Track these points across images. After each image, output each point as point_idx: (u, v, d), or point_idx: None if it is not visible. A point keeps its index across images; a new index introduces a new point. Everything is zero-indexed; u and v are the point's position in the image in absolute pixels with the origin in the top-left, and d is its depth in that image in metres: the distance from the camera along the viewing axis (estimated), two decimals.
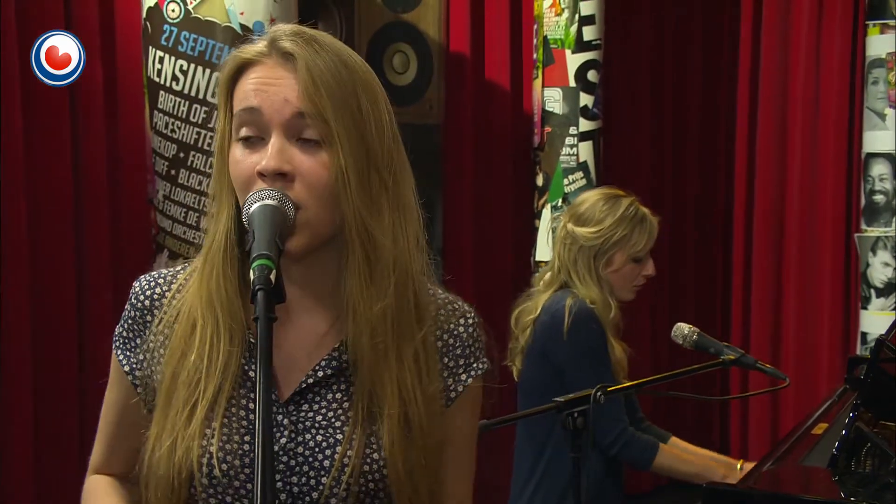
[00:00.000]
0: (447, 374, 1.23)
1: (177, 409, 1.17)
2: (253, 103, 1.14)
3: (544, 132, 4.07)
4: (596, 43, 4.03)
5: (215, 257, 1.19)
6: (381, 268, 1.16)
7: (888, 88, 4.32)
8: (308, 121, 1.13)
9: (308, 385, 1.19)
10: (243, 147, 1.16)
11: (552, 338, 2.48)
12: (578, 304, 2.48)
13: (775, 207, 4.90)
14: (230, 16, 2.97)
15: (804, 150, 4.81)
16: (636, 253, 2.55)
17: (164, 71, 2.99)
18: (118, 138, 3.36)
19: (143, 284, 1.26)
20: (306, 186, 1.13)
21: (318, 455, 1.17)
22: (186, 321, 1.20)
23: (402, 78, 4.09)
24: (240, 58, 1.18)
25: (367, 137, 1.15)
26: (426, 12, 4.12)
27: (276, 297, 1.04)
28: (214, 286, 1.19)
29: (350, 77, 1.16)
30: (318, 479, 1.16)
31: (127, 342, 1.25)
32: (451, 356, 1.23)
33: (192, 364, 1.17)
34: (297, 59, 1.14)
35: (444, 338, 1.24)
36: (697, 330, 2.39)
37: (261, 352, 1.01)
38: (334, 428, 1.18)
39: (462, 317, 1.25)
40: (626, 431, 2.49)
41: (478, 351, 1.25)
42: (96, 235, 3.33)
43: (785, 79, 4.85)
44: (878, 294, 4.39)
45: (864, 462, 2.31)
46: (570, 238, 2.54)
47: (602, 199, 2.58)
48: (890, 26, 4.31)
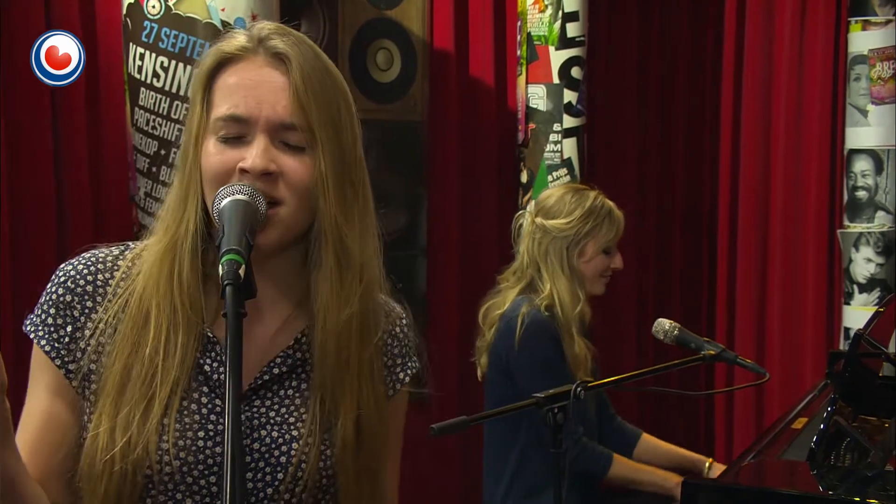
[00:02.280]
0: (386, 373, 1.26)
1: (131, 404, 1.14)
2: (243, 111, 1.13)
3: (528, 129, 4.07)
4: (580, 39, 4.03)
5: (178, 248, 1.17)
6: (350, 274, 1.18)
7: (870, 85, 4.33)
8: (295, 131, 1.14)
9: (263, 381, 1.19)
10: (220, 142, 1.15)
11: (506, 346, 2.51)
12: (531, 314, 2.50)
13: (759, 203, 4.91)
14: (211, 12, 2.96)
15: (788, 147, 4.83)
16: (606, 244, 2.59)
17: (144, 68, 2.97)
18: (99, 135, 3.35)
19: (79, 268, 1.20)
20: (288, 186, 1.14)
21: (273, 451, 1.17)
22: (138, 311, 1.16)
23: (385, 75, 4.08)
24: (222, 52, 1.16)
25: (344, 146, 1.17)
26: (410, 9, 4.11)
27: (245, 293, 1.04)
28: (176, 277, 1.16)
29: (333, 85, 1.17)
30: (273, 475, 1.17)
31: (55, 330, 1.18)
32: (389, 356, 1.27)
33: (147, 356, 1.15)
34: (290, 61, 1.13)
35: (384, 339, 1.27)
36: (678, 325, 2.40)
37: (231, 348, 1.00)
38: (289, 424, 1.18)
39: (398, 317, 1.29)
40: (580, 442, 2.50)
41: (411, 351, 1.29)
42: (78, 233, 3.32)
43: (768, 75, 4.87)
44: (861, 289, 4.41)
45: (844, 456, 2.33)
46: (541, 231, 2.57)
47: (568, 192, 2.61)
48: (872, 23, 4.33)
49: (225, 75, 1.15)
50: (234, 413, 0.98)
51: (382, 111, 4.00)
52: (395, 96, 4.09)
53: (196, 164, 1.17)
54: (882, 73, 4.32)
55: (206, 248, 1.18)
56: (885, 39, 4.31)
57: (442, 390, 3.93)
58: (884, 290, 4.35)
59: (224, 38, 1.19)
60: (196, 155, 1.17)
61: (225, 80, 1.15)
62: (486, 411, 2.38)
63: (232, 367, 0.99)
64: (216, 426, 1.16)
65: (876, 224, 4.38)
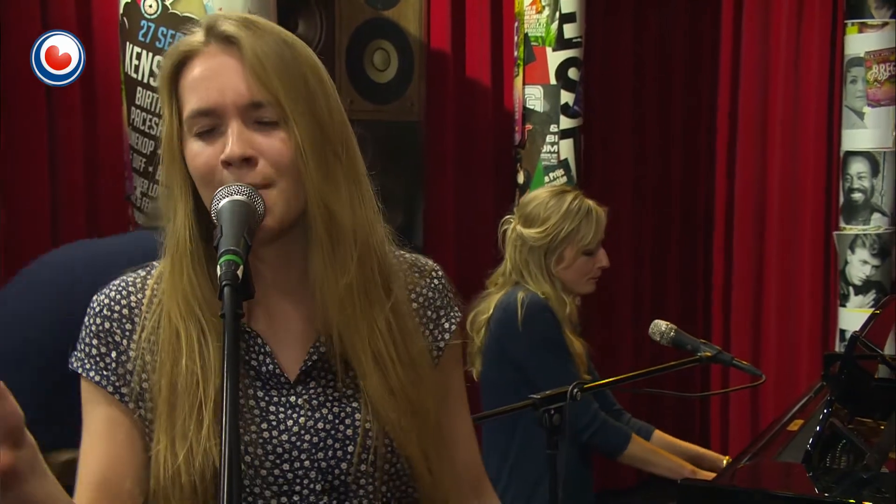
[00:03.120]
0: (433, 326, 1.26)
1: (184, 417, 1.14)
2: (206, 103, 1.13)
3: (525, 130, 4.08)
4: (577, 40, 4.04)
5: (181, 257, 1.17)
6: (342, 242, 1.16)
7: (866, 87, 4.34)
8: (263, 106, 1.13)
9: (313, 362, 1.19)
10: (199, 140, 1.14)
11: (508, 333, 2.50)
12: (530, 296, 2.50)
13: (756, 204, 4.92)
14: (207, 11, 2.95)
15: (784, 148, 4.84)
16: (585, 246, 2.57)
17: (141, 67, 2.97)
18: (96, 135, 3.35)
19: (111, 295, 1.20)
20: (271, 164, 1.13)
21: (338, 426, 1.18)
22: (169, 328, 1.17)
23: (382, 75, 4.08)
24: (179, 52, 1.16)
25: (318, 113, 1.15)
26: (407, 9, 4.11)
27: (243, 293, 1.03)
28: (188, 287, 1.16)
29: (293, 55, 1.15)
30: (344, 450, 1.17)
31: (99, 360, 1.18)
32: (432, 309, 1.27)
33: (186, 369, 1.15)
34: (240, 42, 1.13)
35: (423, 293, 1.26)
36: (675, 327, 2.40)
37: (228, 348, 1.00)
38: (347, 398, 1.18)
39: (432, 271, 1.29)
40: (599, 417, 2.50)
41: (453, 301, 1.29)
42: (74, 232, 3.31)
43: (765, 77, 4.88)
44: (857, 291, 4.42)
45: (840, 458, 2.33)
46: (520, 240, 2.56)
47: (548, 196, 2.59)
48: (868, 25, 4.34)
49: (186, 73, 1.15)
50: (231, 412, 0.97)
51: (379, 111, 4.00)
52: (392, 96, 4.10)
53: (178, 169, 1.17)
54: (878, 76, 4.33)
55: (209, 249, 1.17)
56: (881, 42, 4.32)
57: None
58: (879, 291, 4.36)
59: (182, 37, 1.18)
60: (175, 159, 1.17)
61: (187, 78, 1.15)
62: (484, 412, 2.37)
63: (230, 367, 0.99)
64: (277, 416, 1.17)
65: (872, 226, 4.39)
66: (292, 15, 3.78)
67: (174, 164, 1.17)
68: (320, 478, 1.16)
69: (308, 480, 1.16)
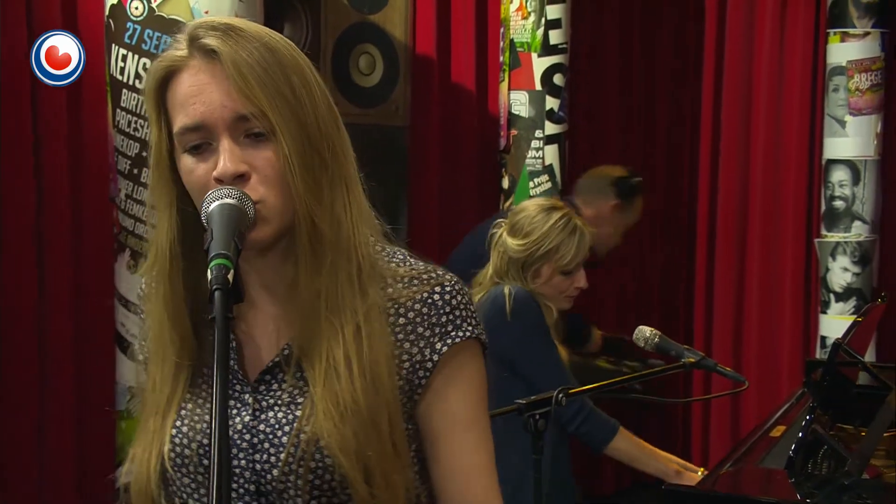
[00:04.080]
0: (423, 344, 1.19)
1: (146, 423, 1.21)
2: (194, 121, 1.13)
3: (510, 135, 4.09)
4: (562, 47, 4.05)
5: (161, 268, 1.19)
6: (321, 248, 1.16)
7: (848, 96, 4.38)
8: (250, 119, 1.13)
9: (275, 363, 1.19)
10: (192, 156, 1.15)
11: (495, 325, 2.49)
12: (517, 289, 2.51)
13: (738, 212, 4.95)
14: (194, 14, 2.95)
15: (766, 156, 4.87)
16: (564, 266, 2.54)
17: (127, 69, 2.96)
18: (80, 136, 3.33)
19: None
20: (262, 181, 1.13)
21: (277, 432, 1.17)
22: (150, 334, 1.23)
23: (368, 79, 4.08)
24: (162, 66, 1.16)
25: (304, 119, 1.14)
26: (393, 13, 4.11)
27: (233, 297, 1.03)
28: (162, 295, 1.19)
29: (276, 60, 1.14)
30: (277, 456, 1.16)
31: None
32: (424, 325, 1.19)
33: (151, 376, 1.21)
34: (220, 56, 1.12)
35: (415, 307, 1.19)
36: (659, 333, 2.41)
37: (218, 352, 1.00)
38: (295, 404, 1.17)
39: (438, 285, 1.20)
40: (587, 406, 2.50)
41: (457, 319, 1.19)
42: (57, 233, 3.30)
43: (748, 85, 4.91)
44: (838, 298, 4.45)
45: (821, 464, 2.35)
46: (503, 247, 2.57)
47: (537, 210, 2.59)
48: (850, 35, 4.38)
49: (172, 88, 1.15)
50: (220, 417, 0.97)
51: (364, 115, 4.00)
52: (377, 101, 4.10)
53: (165, 181, 1.17)
54: (860, 85, 4.37)
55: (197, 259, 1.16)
56: (863, 51, 4.36)
57: None
58: (860, 299, 4.40)
59: (167, 49, 1.18)
60: (162, 173, 1.17)
61: (173, 93, 1.15)
62: None
63: (220, 371, 0.99)
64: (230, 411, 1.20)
65: (853, 234, 4.42)
66: (278, 18, 3.78)
67: (162, 177, 1.18)
68: (254, 479, 1.16)
69: (244, 480, 1.16)
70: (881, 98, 4.41)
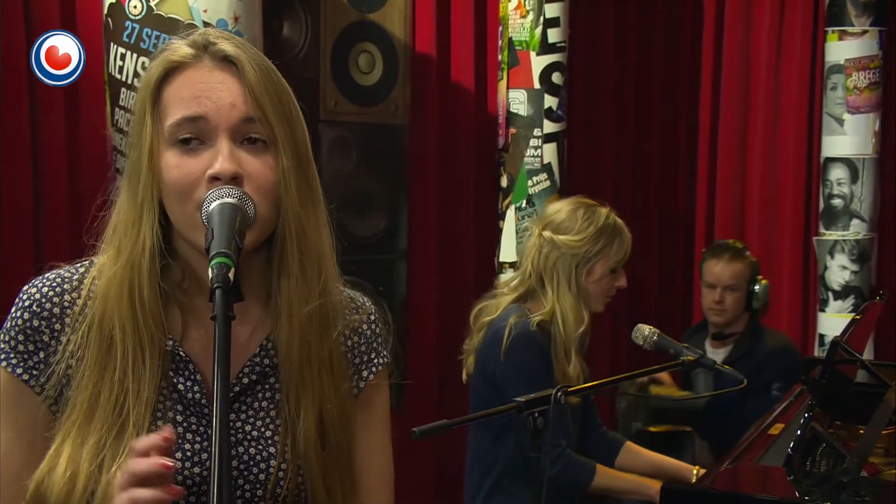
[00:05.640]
0: (353, 370, 1.25)
1: (101, 431, 1.11)
2: (197, 111, 1.13)
3: (509, 133, 4.09)
4: (561, 45, 4.05)
5: (136, 268, 1.15)
6: (311, 268, 1.18)
7: (846, 94, 4.39)
8: (255, 123, 1.14)
9: (234, 393, 1.18)
10: (179, 152, 1.14)
11: (492, 355, 2.50)
12: (519, 325, 2.47)
13: (736, 210, 4.95)
14: (193, 13, 2.94)
15: (764, 154, 4.87)
16: (615, 263, 2.56)
17: (125, 68, 2.96)
18: (78, 135, 3.32)
19: (44, 291, 1.17)
20: (255, 188, 1.14)
21: (252, 469, 1.17)
22: (100, 336, 1.14)
23: (367, 78, 4.08)
24: (169, 60, 1.16)
25: (299, 142, 1.18)
26: (392, 12, 4.11)
27: (234, 296, 1.03)
28: (137, 297, 1.14)
29: (279, 81, 1.18)
30: (253, 492, 1.16)
31: (28, 357, 1.15)
32: (356, 352, 1.26)
33: (116, 380, 1.13)
34: (240, 62, 1.14)
35: (352, 337, 1.26)
36: (658, 331, 2.41)
37: (218, 352, 1.00)
38: (265, 439, 1.18)
39: (367, 313, 1.28)
40: (565, 454, 2.49)
41: (379, 346, 1.28)
42: (55, 233, 3.29)
43: (746, 84, 4.91)
44: (836, 297, 4.46)
45: (820, 462, 2.35)
46: (549, 246, 2.53)
47: (579, 207, 2.58)
48: (848, 33, 4.38)
49: (174, 84, 1.15)
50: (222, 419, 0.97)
51: (363, 114, 4.00)
52: (377, 99, 4.10)
53: (150, 179, 1.15)
54: (858, 83, 4.37)
55: (164, 263, 1.16)
56: (861, 49, 4.36)
57: (421, 391, 3.94)
58: (858, 297, 4.40)
59: (167, 48, 1.17)
60: (150, 169, 1.15)
61: (174, 88, 1.15)
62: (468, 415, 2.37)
63: (220, 372, 0.99)
64: (193, 446, 1.15)
65: (851, 232, 4.43)
66: (277, 17, 3.78)
67: (148, 173, 1.15)
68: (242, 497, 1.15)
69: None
70: (879, 96, 4.41)
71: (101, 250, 1.20)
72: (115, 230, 1.18)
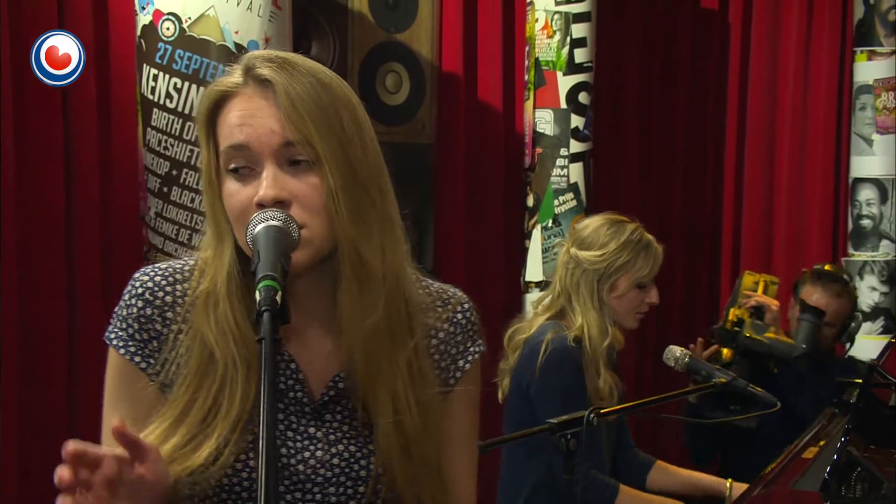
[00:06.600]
0: (449, 361, 1.26)
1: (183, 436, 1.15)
2: (239, 139, 1.15)
3: (535, 153, 4.09)
4: (587, 65, 4.06)
5: (226, 293, 1.18)
6: (371, 284, 1.18)
7: (875, 114, 4.37)
8: (296, 146, 1.15)
9: (331, 397, 1.21)
10: (235, 180, 1.16)
11: (528, 371, 2.49)
12: (556, 341, 2.46)
13: (763, 230, 4.92)
14: (225, 35, 2.97)
15: (792, 175, 4.85)
16: (640, 279, 2.55)
17: (157, 89, 2.99)
18: (111, 155, 3.36)
19: (157, 280, 1.21)
20: (303, 208, 1.15)
21: (353, 465, 1.20)
22: (203, 344, 1.18)
23: (394, 97, 4.10)
24: (216, 91, 1.19)
25: (353, 155, 1.17)
26: (419, 32, 4.14)
27: (281, 319, 1.04)
28: (232, 321, 1.17)
29: (329, 96, 1.17)
30: (355, 489, 1.19)
31: (144, 346, 1.20)
32: (452, 344, 1.27)
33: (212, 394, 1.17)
34: (274, 86, 1.15)
35: (445, 328, 1.27)
36: (689, 353, 2.40)
37: (264, 373, 1.01)
38: (364, 437, 1.20)
39: (459, 304, 1.29)
40: (589, 474, 2.47)
41: (474, 334, 1.29)
42: (87, 252, 3.32)
43: (773, 104, 4.90)
44: (865, 318, 4.42)
45: (855, 487, 2.32)
46: (574, 262, 2.54)
47: (606, 223, 2.58)
48: (877, 53, 4.37)
49: (224, 113, 1.17)
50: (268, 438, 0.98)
51: (391, 133, 4.02)
52: (404, 119, 4.11)
53: (219, 206, 1.19)
54: (887, 104, 4.35)
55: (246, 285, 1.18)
56: (890, 70, 4.35)
57: None
58: (888, 318, 4.37)
59: (221, 76, 1.21)
60: (216, 196, 1.19)
61: (225, 117, 1.17)
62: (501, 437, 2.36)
63: (267, 393, 1.00)
64: (295, 444, 1.19)
65: (880, 253, 4.40)
66: (306, 38, 3.81)
67: (216, 198, 1.20)
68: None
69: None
70: None
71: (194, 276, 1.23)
72: (205, 258, 1.22)
